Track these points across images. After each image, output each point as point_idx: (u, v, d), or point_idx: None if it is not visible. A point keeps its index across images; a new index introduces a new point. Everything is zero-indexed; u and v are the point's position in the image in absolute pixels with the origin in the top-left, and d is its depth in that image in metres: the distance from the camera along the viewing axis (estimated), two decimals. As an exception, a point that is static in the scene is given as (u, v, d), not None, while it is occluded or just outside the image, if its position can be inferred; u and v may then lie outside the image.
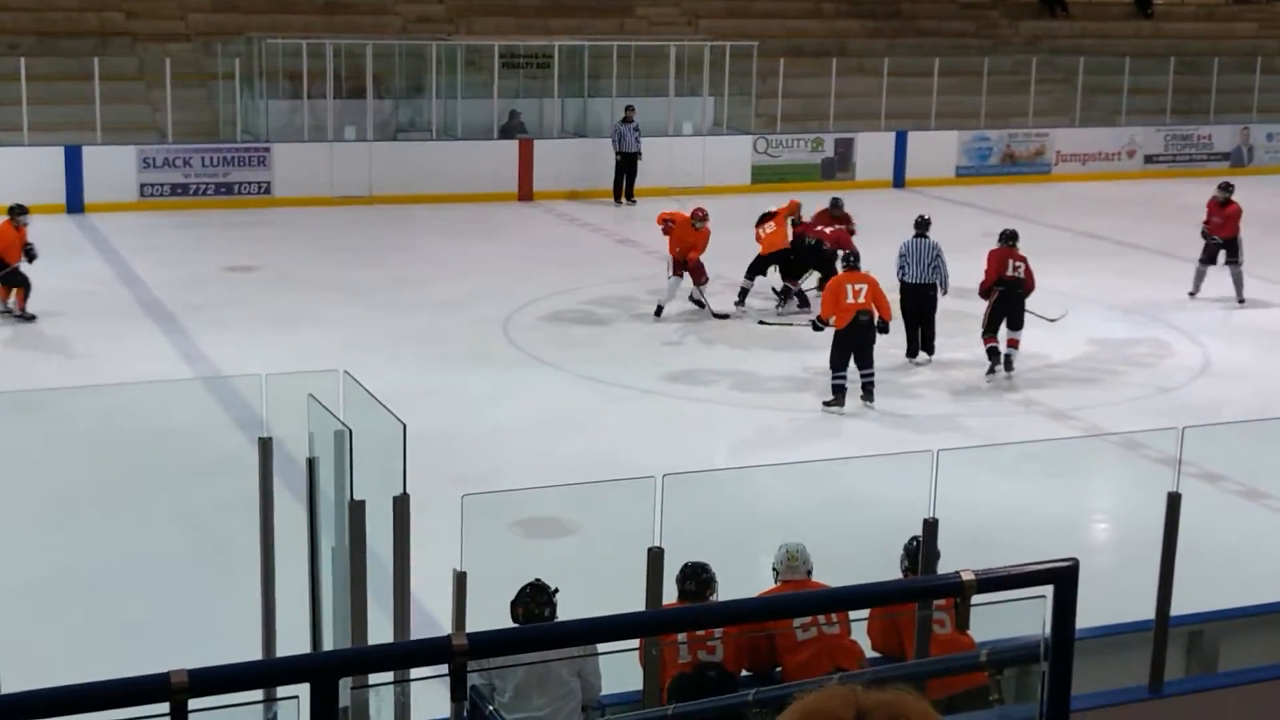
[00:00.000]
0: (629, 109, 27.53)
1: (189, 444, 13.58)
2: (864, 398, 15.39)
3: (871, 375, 15.40)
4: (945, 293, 17.08)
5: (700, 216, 18.89)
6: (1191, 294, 20.57)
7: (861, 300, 15.21)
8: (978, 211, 26.35)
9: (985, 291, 16.58)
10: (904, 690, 2.18)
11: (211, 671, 3.20)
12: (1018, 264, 16.55)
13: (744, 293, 19.31)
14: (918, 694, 2.18)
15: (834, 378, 15.28)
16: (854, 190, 27.92)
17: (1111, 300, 20.16)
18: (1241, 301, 20.33)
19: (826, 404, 15.26)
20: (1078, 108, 32.46)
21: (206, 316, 18.33)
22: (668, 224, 18.94)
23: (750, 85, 30.12)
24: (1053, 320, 17.52)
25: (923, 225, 17.27)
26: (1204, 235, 20.63)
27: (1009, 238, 16.76)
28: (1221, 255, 20.50)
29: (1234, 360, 17.54)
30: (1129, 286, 20.90)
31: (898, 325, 16.76)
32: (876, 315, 15.31)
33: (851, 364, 15.27)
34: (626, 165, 27.20)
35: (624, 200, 27.17)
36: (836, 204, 20.58)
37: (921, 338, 17.06)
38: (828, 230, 19.39)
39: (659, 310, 18.77)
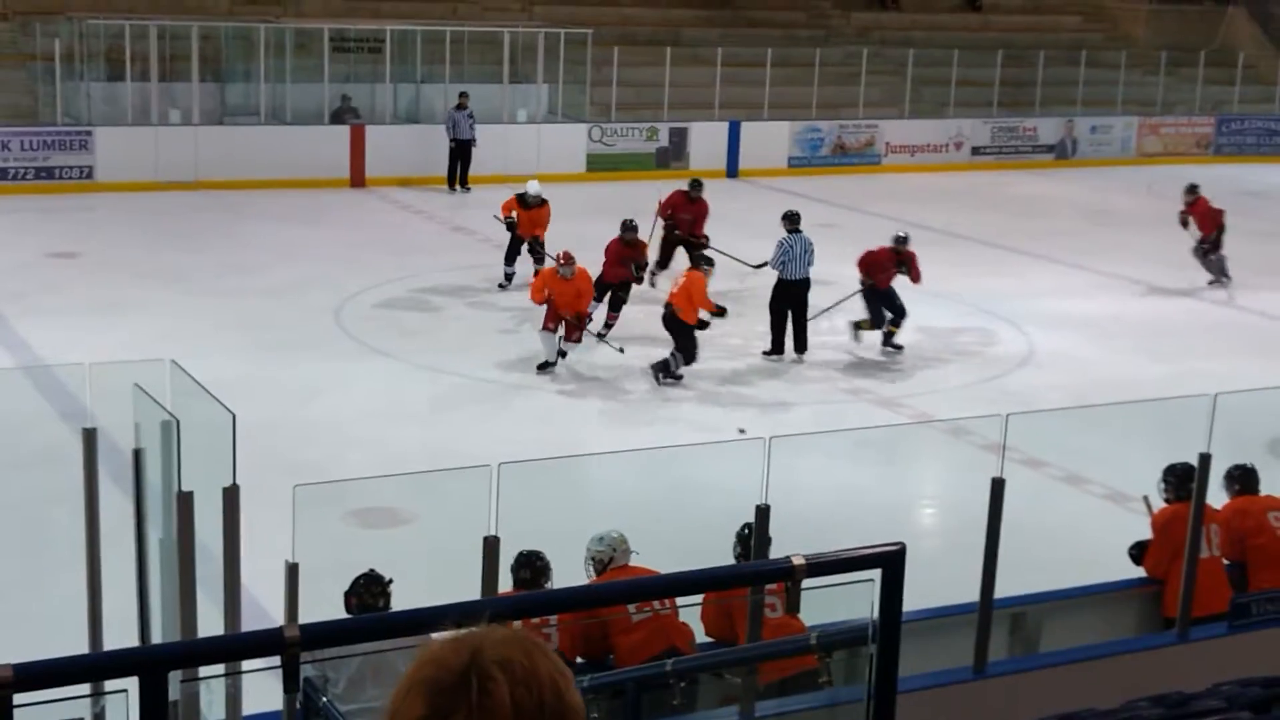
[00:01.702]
0: (463, 95, 27.36)
1: (11, 435, 13.22)
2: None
3: (667, 356, 15.87)
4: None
5: (566, 261, 16.18)
6: (1216, 281, 21.35)
7: (672, 290, 16.16)
8: (809, 202, 26.60)
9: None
10: (523, 633, 2.10)
11: (37, 666, 3.15)
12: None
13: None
14: (540, 641, 2.11)
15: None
16: (688, 180, 28.07)
17: (938, 290, 20.46)
18: (1223, 280, 21.23)
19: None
20: (907, 99, 32.97)
21: (27, 304, 17.88)
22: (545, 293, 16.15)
23: (585, 73, 30.15)
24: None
25: (795, 219, 17.33)
26: (1183, 223, 21.30)
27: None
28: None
29: (1057, 349, 17.95)
30: (955, 276, 21.23)
31: (763, 319, 17.07)
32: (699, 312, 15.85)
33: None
34: (461, 152, 27.04)
35: (458, 187, 27.04)
36: (697, 186, 20.47)
37: (795, 335, 16.98)
38: (686, 217, 19.72)
39: (547, 366, 16.19)
